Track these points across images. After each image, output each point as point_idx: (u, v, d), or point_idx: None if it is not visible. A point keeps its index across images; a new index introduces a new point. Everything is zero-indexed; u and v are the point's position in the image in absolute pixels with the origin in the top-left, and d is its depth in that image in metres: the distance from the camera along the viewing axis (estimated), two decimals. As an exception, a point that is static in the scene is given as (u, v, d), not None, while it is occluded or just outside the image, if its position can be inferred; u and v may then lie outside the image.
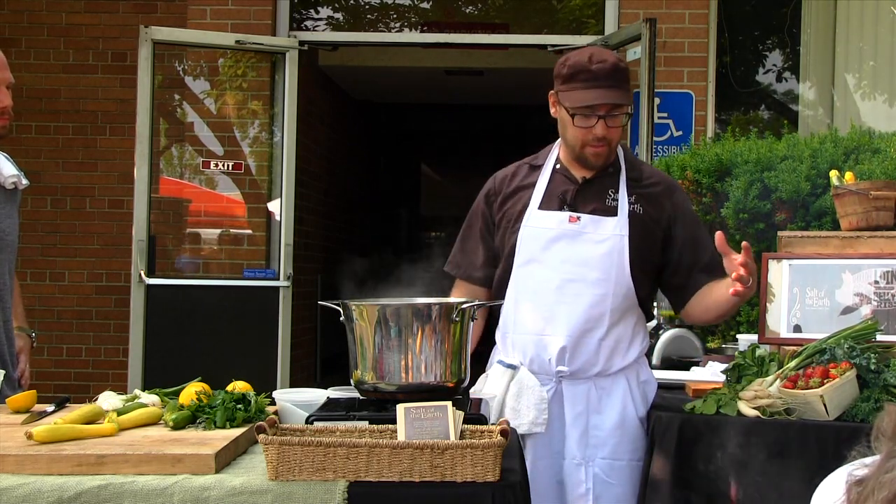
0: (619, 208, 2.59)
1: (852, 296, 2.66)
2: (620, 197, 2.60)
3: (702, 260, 2.63)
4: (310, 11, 6.72)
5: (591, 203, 2.60)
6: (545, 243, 2.57)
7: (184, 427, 2.07)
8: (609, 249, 2.55)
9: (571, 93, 2.54)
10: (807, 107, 6.11)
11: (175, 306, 5.51)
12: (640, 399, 2.61)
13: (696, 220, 2.73)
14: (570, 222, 2.57)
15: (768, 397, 2.32)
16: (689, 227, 2.66)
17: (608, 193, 2.61)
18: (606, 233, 2.56)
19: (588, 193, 2.61)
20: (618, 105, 2.53)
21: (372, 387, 2.11)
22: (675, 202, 2.66)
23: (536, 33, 6.62)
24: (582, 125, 2.53)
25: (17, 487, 1.73)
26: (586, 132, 2.53)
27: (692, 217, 2.71)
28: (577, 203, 2.60)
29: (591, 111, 2.51)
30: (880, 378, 2.29)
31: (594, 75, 2.51)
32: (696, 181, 3.88)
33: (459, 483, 1.76)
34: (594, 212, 2.59)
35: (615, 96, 2.51)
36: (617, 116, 2.54)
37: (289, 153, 5.72)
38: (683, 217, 2.66)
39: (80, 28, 6.49)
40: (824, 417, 2.26)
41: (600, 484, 2.54)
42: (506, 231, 2.66)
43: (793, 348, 2.54)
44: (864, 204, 2.81)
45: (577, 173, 2.64)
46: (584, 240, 2.56)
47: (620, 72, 2.54)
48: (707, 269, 2.62)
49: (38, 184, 6.15)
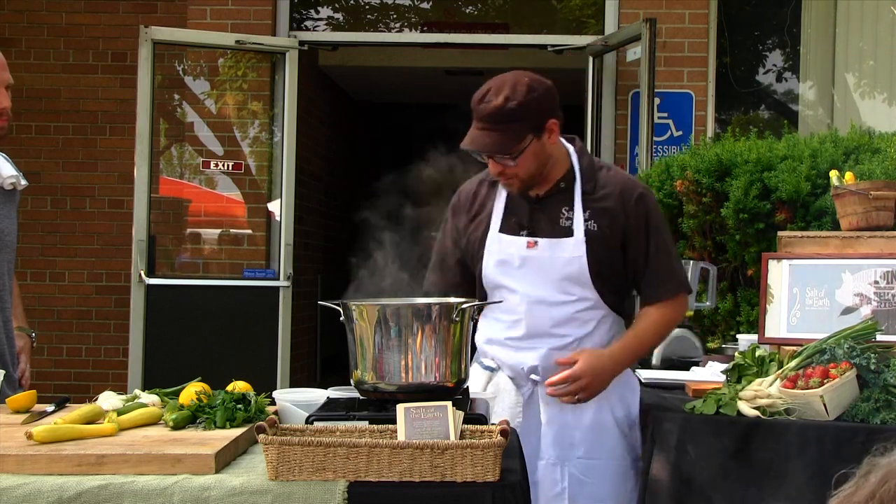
0: (574, 227, 2.58)
1: (852, 296, 2.66)
2: (575, 216, 2.59)
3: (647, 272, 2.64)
4: (310, 11, 6.72)
5: (546, 224, 2.60)
6: (507, 269, 2.60)
7: (184, 427, 2.07)
8: (569, 272, 2.57)
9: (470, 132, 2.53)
10: (807, 107, 6.11)
11: (175, 306, 5.51)
12: (616, 399, 2.62)
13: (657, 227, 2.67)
14: (529, 248, 2.59)
15: (768, 397, 2.32)
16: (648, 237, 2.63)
17: (562, 212, 2.61)
18: (565, 254, 2.58)
19: (543, 213, 2.62)
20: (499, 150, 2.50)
21: (372, 387, 2.11)
22: (629, 211, 2.62)
23: (536, 33, 6.62)
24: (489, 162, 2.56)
25: (17, 487, 1.73)
26: (495, 166, 2.55)
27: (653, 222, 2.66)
28: (533, 224, 2.61)
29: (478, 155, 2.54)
30: (880, 378, 2.29)
31: (478, 115, 2.50)
32: (696, 181, 3.88)
33: (459, 483, 1.76)
34: (551, 233, 2.59)
35: (485, 143, 2.48)
36: (517, 155, 2.50)
37: (289, 153, 5.72)
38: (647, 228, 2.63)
39: (80, 28, 6.49)
40: (824, 417, 2.26)
41: (576, 483, 2.57)
42: (473, 258, 2.68)
43: (793, 348, 2.54)
44: (864, 204, 2.81)
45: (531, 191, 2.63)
46: (543, 264, 2.57)
47: (504, 113, 2.47)
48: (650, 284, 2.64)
49: (38, 184, 6.15)
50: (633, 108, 5.60)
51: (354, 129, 10.00)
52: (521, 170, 2.55)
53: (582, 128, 5.77)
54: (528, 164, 2.54)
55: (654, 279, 2.63)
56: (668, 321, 2.71)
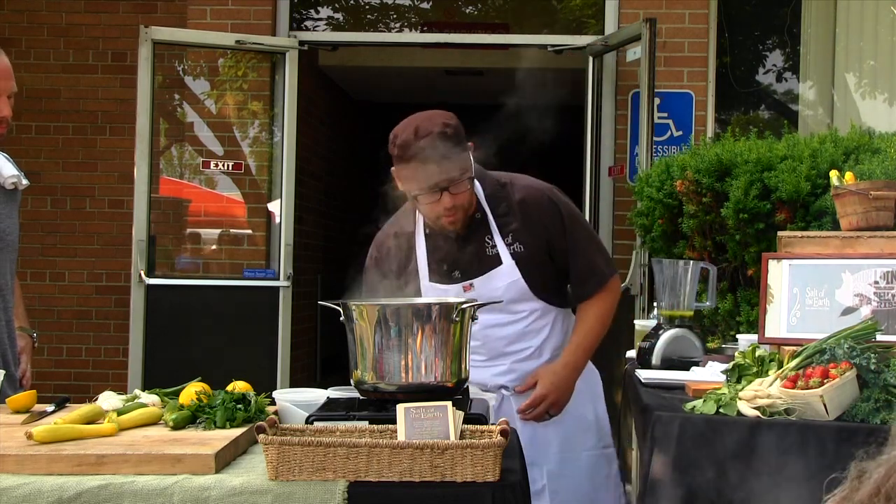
0: (500, 254, 2.60)
1: (852, 296, 2.66)
2: (497, 243, 2.61)
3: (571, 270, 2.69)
4: (310, 11, 6.72)
5: (473, 259, 2.61)
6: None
7: (184, 427, 2.07)
8: (511, 296, 2.62)
9: (404, 173, 2.50)
10: (807, 107, 6.11)
11: (175, 306, 5.51)
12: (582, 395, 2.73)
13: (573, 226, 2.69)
14: (466, 291, 2.60)
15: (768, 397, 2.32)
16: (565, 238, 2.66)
17: (486, 241, 2.61)
18: (502, 283, 2.61)
19: (467, 250, 2.62)
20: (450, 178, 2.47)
21: (372, 387, 2.11)
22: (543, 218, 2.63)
23: (536, 33, 6.62)
24: (428, 202, 2.50)
25: (17, 487, 1.73)
26: (435, 206, 2.50)
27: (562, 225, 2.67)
28: (462, 264, 2.61)
29: (430, 189, 2.48)
30: (880, 378, 2.29)
31: (399, 155, 2.47)
32: (696, 181, 3.88)
33: (459, 483, 1.76)
34: (480, 268, 2.60)
35: (441, 174, 2.45)
36: (459, 182, 2.49)
37: (289, 153, 5.71)
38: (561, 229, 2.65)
39: (80, 28, 6.49)
40: (824, 417, 2.26)
41: (554, 479, 2.66)
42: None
43: (793, 348, 2.54)
44: (864, 204, 2.80)
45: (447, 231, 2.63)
46: (487, 295, 2.57)
47: (447, 139, 2.46)
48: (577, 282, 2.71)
49: (38, 184, 6.14)
50: (633, 108, 5.60)
51: (354, 129, 9.99)
52: (466, 199, 2.53)
53: (582, 128, 5.77)
54: (468, 196, 2.54)
55: (579, 277, 2.69)
56: (606, 311, 2.76)
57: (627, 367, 3.22)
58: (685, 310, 3.40)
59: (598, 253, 2.77)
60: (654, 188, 4.12)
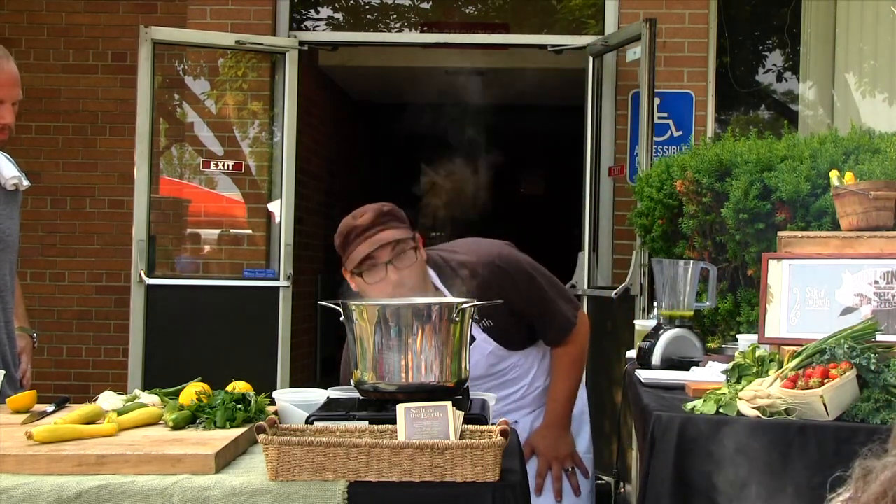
0: (473, 334, 2.63)
1: (852, 296, 2.66)
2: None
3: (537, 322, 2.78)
4: (310, 11, 6.72)
5: None
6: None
7: (184, 427, 2.07)
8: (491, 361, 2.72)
9: (352, 255, 2.51)
10: (807, 107, 6.11)
11: (175, 306, 5.51)
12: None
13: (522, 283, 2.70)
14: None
15: (768, 397, 2.32)
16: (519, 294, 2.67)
17: None
18: (479, 355, 2.67)
19: None
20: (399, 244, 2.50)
21: (372, 387, 2.11)
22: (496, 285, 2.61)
23: (536, 33, 6.62)
24: (374, 280, 2.49)
25: (17, 487, 1.73)
26: (384, 285, 2.49)
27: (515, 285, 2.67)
28: None
29: (375, 260, 2.48)
30: (880, 378, 2.29)
31: (362, 228, 2.50)
32: (696, 181, 3.88)
33: (459, 483, 1.76)
34: None
35: (389, 236, 2.48)
36: (404, 253, 2.50)
37: (289, 153, 5.71)
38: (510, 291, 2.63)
39: (80, 28, 6.49)
40: (824, 417, 2.26)
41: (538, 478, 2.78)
42: None
43: (793, 348, 2.54)
44: (864, 204, 2.80)
45: None
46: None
47: (386, 214, 2.52)
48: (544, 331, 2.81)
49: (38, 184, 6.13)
50: (633, 108, 5.60)
51: (354, 129, 9.99)
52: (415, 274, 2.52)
53: (582, 128, 5.77)
54: (416, 271, 2.53)
55: (545, 329, 2.78)
56: (578, 354, 2.85)
57: (627, 367, 3.22)
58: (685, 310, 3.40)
59: (559, 300, 2.77)
60: (654, 188, 4.12)
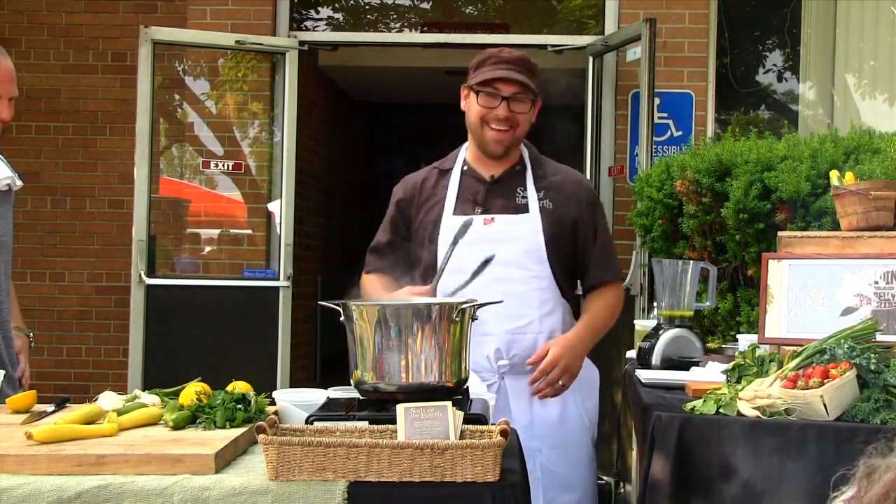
0: (529, 205, 2.67)
1: (852, 296, 2.66)
2: (529, 194, 2.68)
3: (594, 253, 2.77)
4: (310, 11, 6.72)
5: (501, 201, 2.68)
6: (464, 248, 2.59)
7: (184, 427, 2.07)
8: (527, 247, 2.65)
9: (479, 75, 2.63)
10: (807, 107, 6.11)
11: (175, 306, 5.51)
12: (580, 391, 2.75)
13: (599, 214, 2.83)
14: (486, 224, 2.64)
15: (768, 397, 2.32)
16: (594, 221, 2.78)
17: (517, 192, 2.69)
18: (521, 230, 2.65)
19: (497, 192, 2.69)
20: (523, 90, 2.61)
21: (372, 387, 2.11)
22: (581, 194, 2.76)
23: (536, 33, 6.62)
24: (485, 104, 2.61)
25: (17, 487, 1.73)
26: (488, 111, 2.61)
27: (596, 210, 2.82)
28: (488, 203, 2.68)
29: (495, 90, 2.60)
30: (880, 378, 2.29)
31: (503, 59, 2.62)
32: (696, 181, 3.88)
33: (459, 483, 1.76)
34: (505, 210, 2.67)
35: (519, 77, 2.60)
36: (521, 101, 2.61)
37: (289, 153, 5.72)
38: (592, 212, 2.77)
39: (80, 28, 6.49)
40: (824, 417, 2.26)
41: (547, 473, 2.66)
42: (424, 240, 2.71)
43: (793, 348, 2.54)
44: (864, 204, 2.81)
45: (485, 171, 2.71)
46: (501, 240, 2.62)
47: (529, 63, 2.65)
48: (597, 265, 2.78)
49: (37, 184, 6.15)
50: (633, 108, 5.60)
51: (354, 129, 9.99)
52: (521, 125, 2.65)
53: (582, 128, 5.77)
54: (525, 123, 2.67)
55: (600, 261, 2.77)
56: (615, 304, 2.85)
57: (627, 367, 3.22)
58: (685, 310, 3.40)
59: (614, 252, 2.88)
60: (654, 188, 4.12)
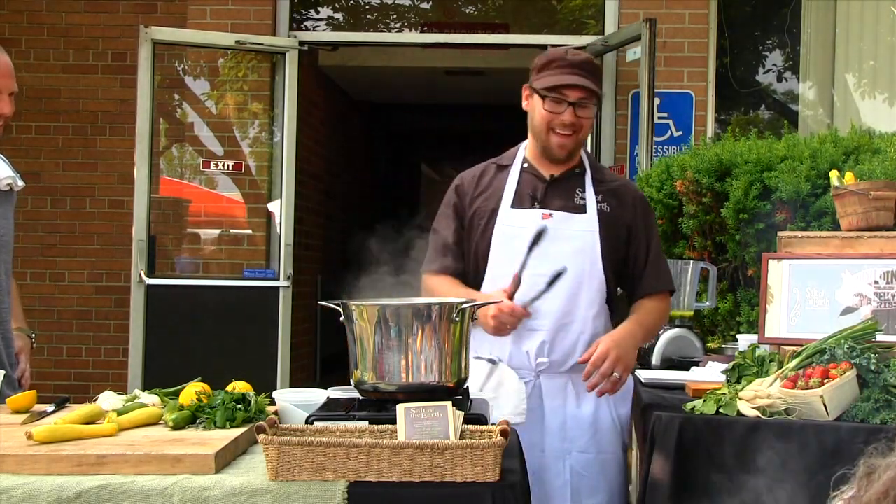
0: (587, 206, 2.66)
1: (852, 296, 2.66)
2: (588, 195, 2.67)
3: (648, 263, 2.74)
4: (310, 11, 6.72)
5: (560, 200, 2.66)
6: (522, 241, 2.59)
7: (184, 427, 2.07)
8: (582, 246, 2.62)
9: (545, 78, 2.61)
10: (807, 107, 6.11)
11: (175, 306, 5.51)
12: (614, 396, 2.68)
13: (653, 225, 2.82)
14: (543, 219, 2.62)
15: (768, 397, 2.32)
16: (647, 230, 2.76)
17: (576, 192, 2.68)
18: (578, 229, 2.63)
19: (557, 191, 2.67)
20: (588, 96, 2.59)
21: (372, 387, 2.11)
22: (637, 203, 2.75)
23: (536, 33, 6.62)
24: (551, 109, 2.59)
25: (17, 487, 1.73)
26: (553, 116, 2.59)
27: (650, 220, 2.81)
28: (547, 200, 2.66)
29: (562, 95, 2.57)
30: (880, 378, 2.29)
31: (569, 63, 2.59)
32: (696, 181, 3.88)
33: (459, 483, 1.76)
34: (564, 209, 2.65)
35: (586, 83, 2.58)
36: (586, 106, 2.60)
37: (289, 153, 5.72)
38: (646, 221, 2.76)
39: (80, 28, 6.49)
40: (824, 417, 2.26)
41: (577, 476, 2.63)
42: (478, 230, 2.69)
43: (793, 348, 2.54)
44: (864, 204, 2.81)
45: (545, 171, 2.70)
46: (557, 236, 2.60)
47: (593, 65, 2.64)
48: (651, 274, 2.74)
49: (37, 184, 6.15)
50: (633, 108, 5.60)
51: (354, 129, 9.99)
52: (584, 128, 2.65)
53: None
54: (588, 126, 2.67)
55: (654, 270, 2.74)
56: (663, 313, 2.82)
57: (627, 367, 3.21)
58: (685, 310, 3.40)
59: (666, 264, 2.86)
60: (654, 188, 4.12)
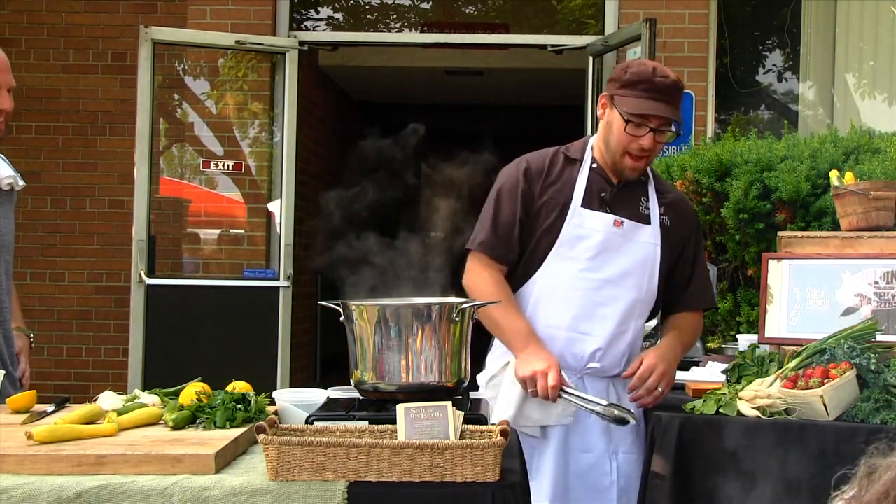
0: (651, 217, 2.66)
1: (852, 296, 2.66)
2: (651, 206, 2.68)
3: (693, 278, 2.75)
4: (310, 11, 6.72)
5: (627, 208, 2.65)
6: (591, 244, 2.60)
7: (184, 427, 2.07)
8: (644, 257, 2.63)
9: (629, 99, 2.57)
10: (807, 107, 6.10)
11: (175, 306, 5.51)
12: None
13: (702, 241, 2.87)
14: (615, 226, 2.62)
15: (768, 397, 2.32)
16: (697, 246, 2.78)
17: (640, 201, 2.68)
18: (643, 240, 2.64)
19: (624, 197, 2.66)
20: (669, 122, 2.58)
21: (372, 387, 2.11)
22: (692, 219, 2.79)
23: (536, 33, 6.62)
24: (632, 133, 2.57)
25: (17, 487, 1.73)
26: (632, 140, 2.57)
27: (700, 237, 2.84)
28: (616, 206, 2.65)
29: (645, 121, 2.55)
30: (880, 378, 2.29)
31: (656, 87, 2.55)
32: (696, 181, 3.88)
33: (459, 483, 1.76)
34: (631, 217, 2.65)
35: (671, 112, 2.57)
36: (665, 133, 2.59)
37: (289, 153, 5.72)
38: (697, 236, 2.78)
39: (80, 28, 6.48)
40: (824, 417, 2.26)
41: (623, 477, 2.62)
42: (545, 221, 2.64)
43: (793, 348, 2.54)
44: (864, 204, 2.81)
45: (612, 177, 2.68)
46: (625, 246, 2.62)
47: (678, 90, 2.62)
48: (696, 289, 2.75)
49: (37, 184, 6.15)
50: (683, 129, 5.60)
51: (354, 129, 9.99)
52: (657, 151, 2.66)
53: (582, 128, 5.77)
54: (660, 149, 2.68)
55: (699, 286, 2.75)
56: (699, 329, 2.85)
57: (627, 367, 3.21)
58: (685, 310, 3.39)
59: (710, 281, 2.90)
60: (654, 188, 4.12)
